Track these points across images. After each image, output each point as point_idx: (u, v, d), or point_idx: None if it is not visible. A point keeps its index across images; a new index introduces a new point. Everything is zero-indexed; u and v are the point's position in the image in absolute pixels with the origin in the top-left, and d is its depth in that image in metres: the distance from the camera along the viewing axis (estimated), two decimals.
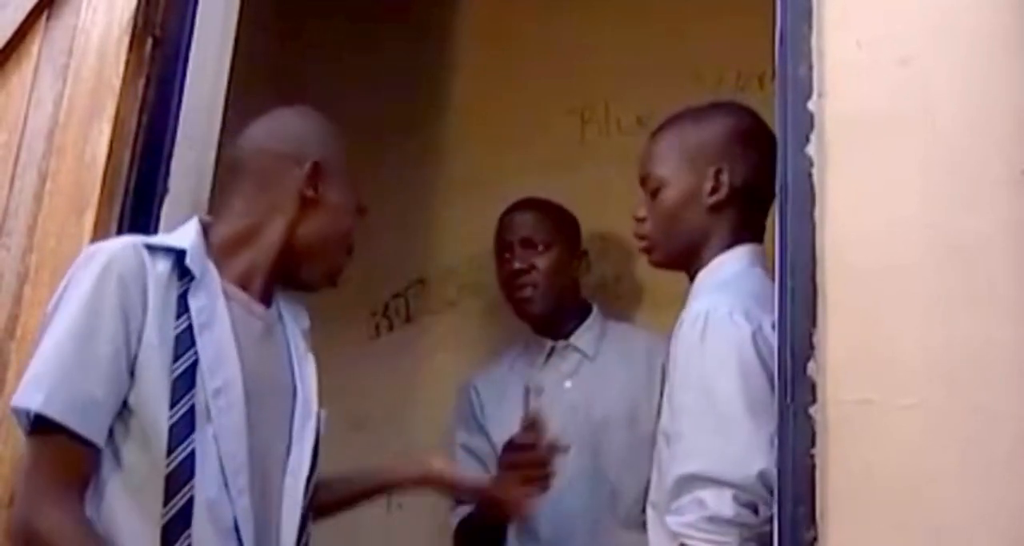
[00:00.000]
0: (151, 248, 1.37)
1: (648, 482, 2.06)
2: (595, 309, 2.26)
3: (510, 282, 2.20)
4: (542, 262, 2.18)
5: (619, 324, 2.30)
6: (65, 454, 1.28)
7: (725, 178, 1.57)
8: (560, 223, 2.24)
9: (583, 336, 2.21)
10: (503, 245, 2.23)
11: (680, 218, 1.60)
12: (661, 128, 1.68)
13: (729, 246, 1.57)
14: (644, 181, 1.65)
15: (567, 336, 2.22)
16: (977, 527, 1.11)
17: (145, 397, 1.30)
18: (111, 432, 1.30)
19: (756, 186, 1.55)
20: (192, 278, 1.38)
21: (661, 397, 2.05)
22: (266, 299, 1.50)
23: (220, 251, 1.44)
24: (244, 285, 1.45)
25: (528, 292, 2.18)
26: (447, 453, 2.25)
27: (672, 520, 1.37)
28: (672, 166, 1.61)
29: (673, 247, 1.62)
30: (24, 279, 1.57)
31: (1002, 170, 1.21)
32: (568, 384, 2.18)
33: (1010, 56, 1.25)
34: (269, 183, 1.49)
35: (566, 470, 2.06)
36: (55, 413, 1.27)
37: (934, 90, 1.26)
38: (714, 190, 1.57)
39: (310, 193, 1.48)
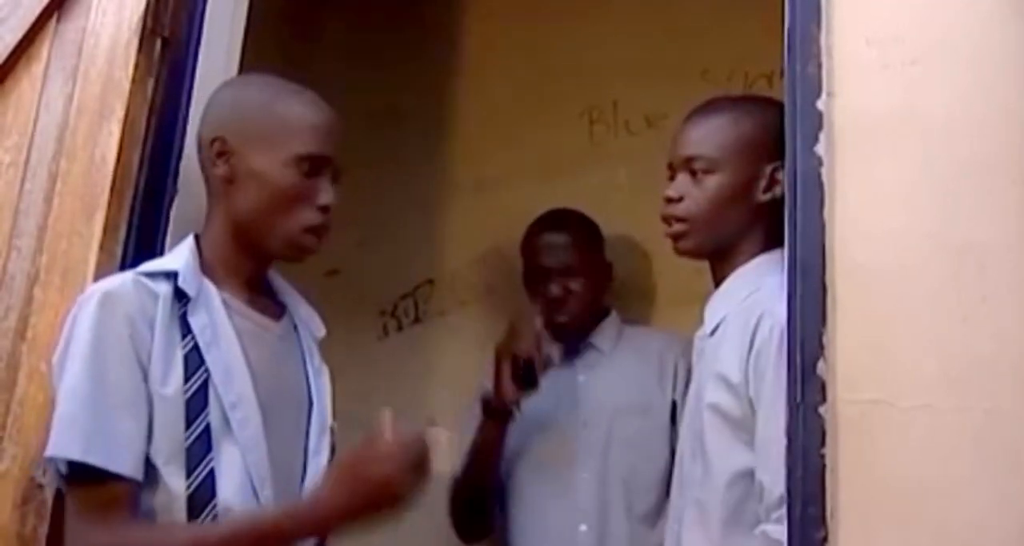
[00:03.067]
0: (150, 276, 1.37)
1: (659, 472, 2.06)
2: (613, 313, 2.30)
3: (547, 308, 2.20)
4: (578, 286, 2.20)
5: (635, 327, 2.34)
6: (111, 497, 1.27)
7: (781, 178, 1.47)
8: (592, 240, 2.27)
9: (600, 335, 2.25)
10: (538, 270, 2.22)
11: (728, 207, 1.54)
12: (709, 110, 1.61)
13: (764, 248, 1.52)
14: (689, 161, 1.56)
15: (585, 336, 2.25)
16: (986, 527, 1.11)
17: (159, 425, 1.30)
18: None
19: None
20: (189, 299, 1.37)
21: (673, 392, 2.12)
22: (269, 297, 1.50)
23: (208, 263, 1.43)
24: (239, 289, 1.44)
25: (565, 318, 2.20)
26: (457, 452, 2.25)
27: (778, 529, 1.31)
28: (727, 152, 1.55)
29: (711, 237, 1.56)
30: (35, 280, 1.57)
31: (1011, 169, 1.21)
32: (582, 378, 2.22)
33: (1018, 55, 1.24)
34: (205, 175, 1.47)
35: (578, 459, 2.13)
36: (97, 460, 1.26)
37: (943, 89, 1.25)
38: (768, 188, 1.53)
39: (221, 171, 1.42)
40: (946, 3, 1.28)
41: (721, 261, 1.57)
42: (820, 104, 1.26)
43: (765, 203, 1.53)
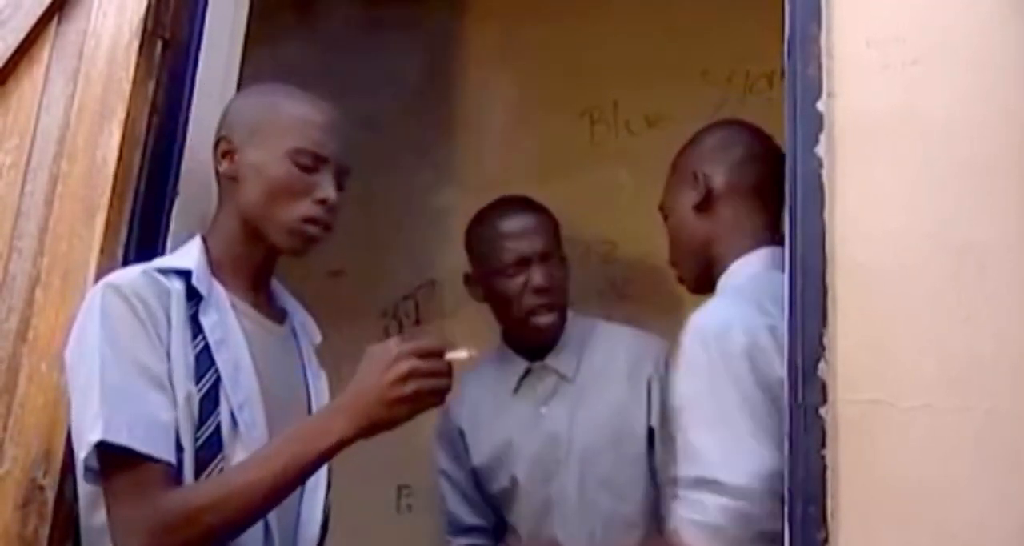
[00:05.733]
0: (162, 272, 1.38)
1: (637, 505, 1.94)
2: (570, 315, 2.02)
3: (530, 303, 1.93)
4: (560, 276, 1.96)
5: (596, 326, 2.06)
6: (149, 476, 1.26)
7: (702, 180, 1.59)
8: (557, 228, 2.03)
9: (560, 354, 1.98)
10: (516, 259, 1.94)
11: (681, 233, 1.65)
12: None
13: (748, 251, 1.56)
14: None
15: (543, 354, 1.99)
16: (986, 527, 1.11)
17: (178, 419, 1.30)
18: None
19: (745, 184, 1.58)
20: (200, 298, 1.38)
21: (648, 417, 1.94)
22: (271, 301, 1.50)
23: (217, 264, 1.44)
24: (245, 291, 1.45)
25: (552, 318, 1.95)
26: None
27: (676, 508, 1.40)
28: (669, 192, 1.68)
29: (688, 266, 1.66)
30: (36, 282, 1.57)
31: (1011, 169, 1.21)
32: (544, 410, 1.97)
33: (1019, 56, 1.24)
34: (216, 177, 1.51)
35: (552, 504, 1.94)
36: (139, 444, 1.25)
37: (943, 90, 1.25)
38: (693, 200, 1.61)
39: (224, 168, 1.47)
40: (946, 3, 1.28)
41: (716, 279, 1.63)
42: (820, 105, 1.26)
43: (701, 205, 1.60)
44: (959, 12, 1.27)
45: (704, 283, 1.63)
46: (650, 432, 1.94)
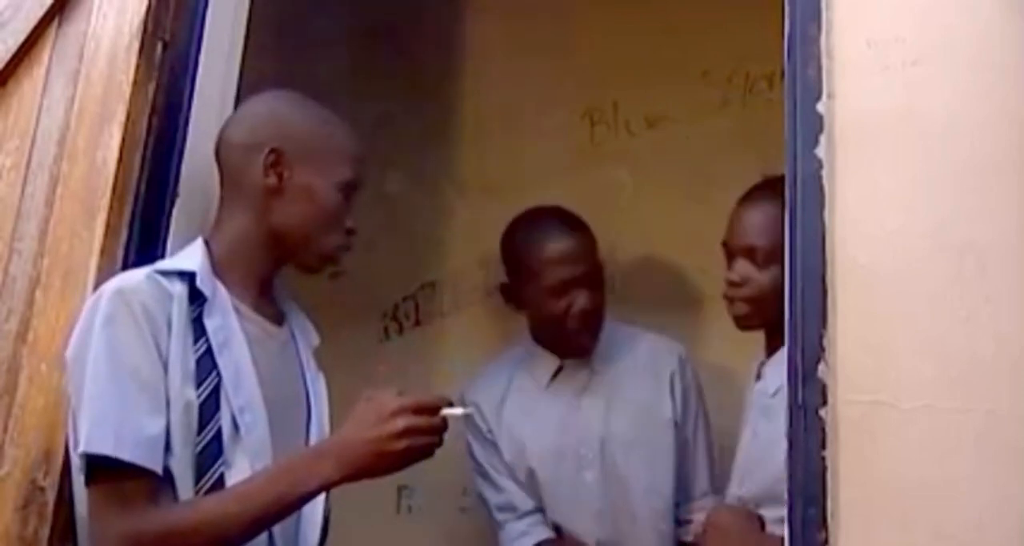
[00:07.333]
0: (163, 274, 1.38)
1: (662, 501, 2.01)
2: None
3: (573, 326, 1.97)
4: (600, 299, 1.99)
5: (622, 328, 2.15)
6: (136, 488, 1.27)
7: None
8: (596, 246, 2.05)
9: (592, 355, 2.06)
10: (560, 283, 1.94)
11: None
12: (766, 197, 1.68)
13: None
14: (751, 250, 1.69)
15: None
16: (986, 527, 1.11)
17: (173, 428, 1.30)
18: None
19: None
20: (204, 300, 1.38)
21: (673, 411, 2.02)
22: (272, 304, 1.50)
23: (221, 266, 1.43)
24: (247, 293, 1.45)
25: (594, 340, 2.01)
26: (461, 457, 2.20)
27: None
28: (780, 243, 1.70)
29: (774, 313, 1.60)
30: (36, 283, 1.58)
31: (1012, 169, 1.21)
32: (579, 402, 2.05)
33: (1018, 55, 1.24)
34: (237, 177, 1.48)
35: (584, 494, 2.00)
36: (126, 454, 1.25)
37: (943, 90, 1.25)
38: None
39: (271, 181, 1.45)
40: (946, 4, 1.28)
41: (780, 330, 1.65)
42: (820, 106, 1.26)
43: None
44: (959, 12, 1.27)
45: (766, 326, 1.70)
46: (675, 426, 2.03)
